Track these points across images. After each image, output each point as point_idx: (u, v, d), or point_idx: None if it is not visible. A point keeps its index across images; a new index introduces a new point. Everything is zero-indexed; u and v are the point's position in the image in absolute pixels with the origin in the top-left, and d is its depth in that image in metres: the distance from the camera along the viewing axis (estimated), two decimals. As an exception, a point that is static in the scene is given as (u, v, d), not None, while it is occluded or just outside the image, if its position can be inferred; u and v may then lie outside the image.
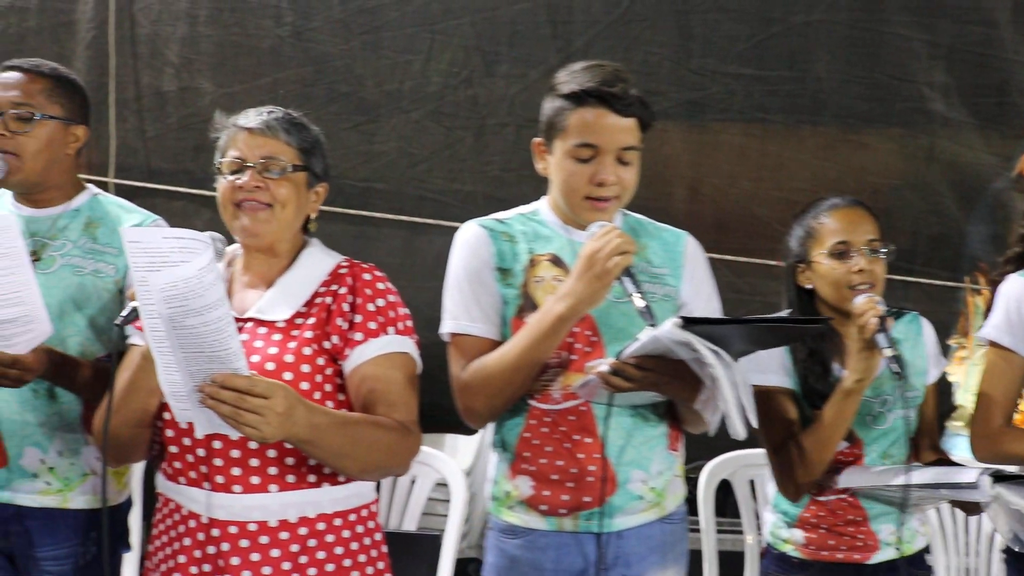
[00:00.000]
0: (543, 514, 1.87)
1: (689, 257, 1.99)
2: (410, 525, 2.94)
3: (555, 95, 1.84)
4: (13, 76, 1.96)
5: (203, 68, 3.71)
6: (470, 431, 3.41)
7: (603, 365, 1.72)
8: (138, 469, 2.69)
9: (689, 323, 1.63)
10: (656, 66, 3.55)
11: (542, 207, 1.96)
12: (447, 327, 1.90)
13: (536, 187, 2.03)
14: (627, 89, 1.80)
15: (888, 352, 1.88)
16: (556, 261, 1.88)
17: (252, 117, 1.73)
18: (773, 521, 2.18)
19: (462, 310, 1.87)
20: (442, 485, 3.23)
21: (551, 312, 1.75)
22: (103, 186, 2.74)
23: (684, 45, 3.56)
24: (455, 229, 1.98)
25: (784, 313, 2.14)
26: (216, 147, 1.78)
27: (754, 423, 1.73)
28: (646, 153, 1.92)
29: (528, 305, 1.85)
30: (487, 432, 3.20)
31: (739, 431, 1.68)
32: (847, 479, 2.05)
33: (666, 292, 1.92)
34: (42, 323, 1.75)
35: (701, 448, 2.46)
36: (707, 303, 1.98)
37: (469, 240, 1.90)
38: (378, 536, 1.75)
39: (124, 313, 1.53)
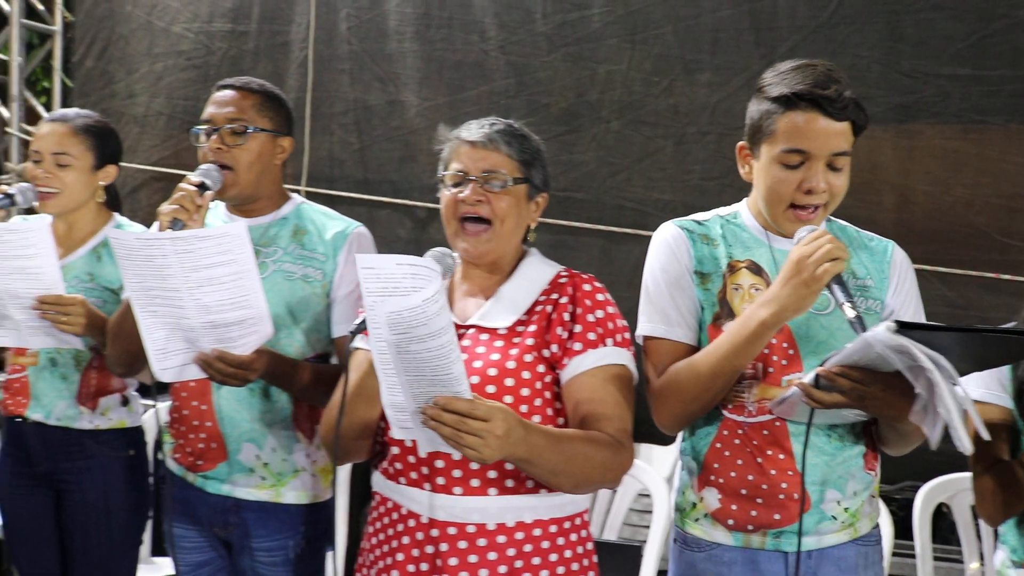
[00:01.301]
0: (730, 529, 1.78)
1: (896, 268, 1.85)
2: (610, 535, 2.94)
3: (762, 97, 1.73)
4: (227, 94, 2.04)
5: (409, 82, 3.84)
6: (666, 441, 3.38)
7: (807, 376, 1.62)
8: (344, 469, 2.80)
9: (904, 328, 1.48)
10: (864, 70, 3.44)
11: (742, 210, 1.85)
12: (643, 330, 1.81)
13: (737, 196, 1.92)
14: (841, 91, 1.68)
15: None
16: (755, 268, 1.78)
17: (474, 130, 1.72)
18: (1002, 559, 1.97)
19: (659, 314, 1.79)
20: (642, 495, 3.21)
21: (754, 318, 1.65)
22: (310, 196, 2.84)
23: (894, 47, 3.45)
24: None
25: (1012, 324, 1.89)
26: (440, 159, 1.79)
27: (984, 435, 1.57)
28: (852, 158, 1.81)
29: (725, 312, 1.77)
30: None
31: (966, 445, 1.51)
32: None
33: (870, 304, 1.79)
34: (265, 326, 1.81)
35: (906, 468, 2.32)
36: (913, 318, 1.83)
37: (668, 241, 1.81)
38: (590, 545, 1.73)
39: (357, 322, 1.57)
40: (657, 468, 3.47)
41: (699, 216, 1.85)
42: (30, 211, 2.50)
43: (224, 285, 1.71)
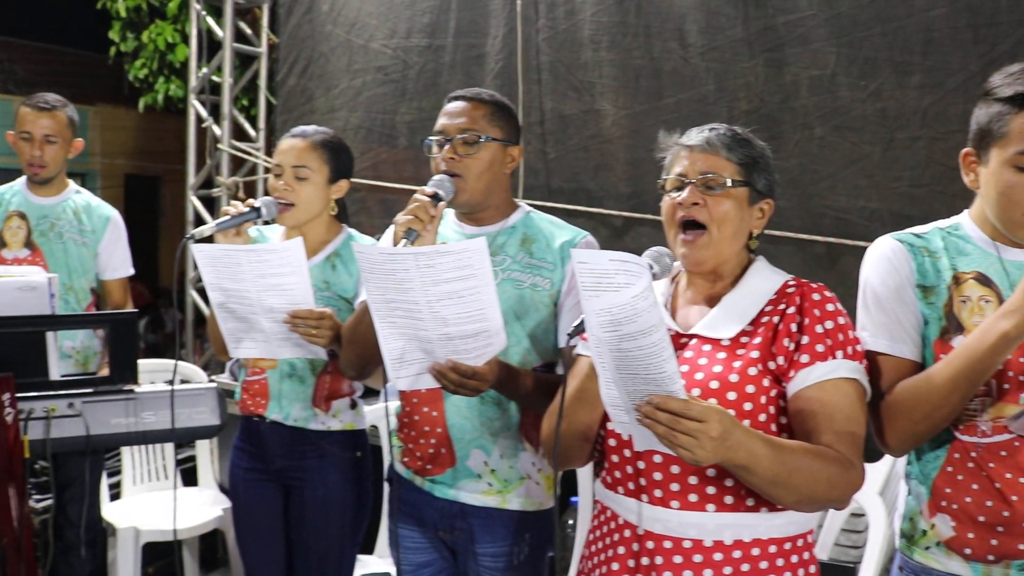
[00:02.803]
0: (966, 559, 1.67)
1: None
2: (821, 555, 2.83)
3: (991, 99, 1.66)
4: (458, 105, 2.08)
5: (605, 91, 3.84)
6: (873, 457, 3.23)
7: None
8: (585, 472, 2.79)
9: None
10: (1099, 67, 3.20)
11: (964, 221, 1.77)
12: (865, 346, 1.74)
13: (950, 204, 1.82)
14: None
15: None
16: (982, 279, 1.69)
17: (694, 135, 1.71)
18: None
19: (881, 329, 1.72)
20: (853, 515, 3.09)
21: (994, 330, 1.56)
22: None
23: None
24: (858, 248, 1.83)
25: None
26: (662, 166, 1.77)
27: None
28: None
29: (953, 326, 1.68)
30: (894, 460, 3.02)
31: None
32: None
33: None
34: (499, 337, 1.83)
35: None
36: None
37: (887, 255, 1.75)
38: (812, 568, 1.65)
39: (575, 324, 1.56)
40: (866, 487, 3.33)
41: (917, 229, 1.79)
42: (268, 223, 2.64)
43: (463, 299, 1.74)
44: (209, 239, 2.37)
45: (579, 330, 1.54)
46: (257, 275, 2.15)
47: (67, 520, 3.08)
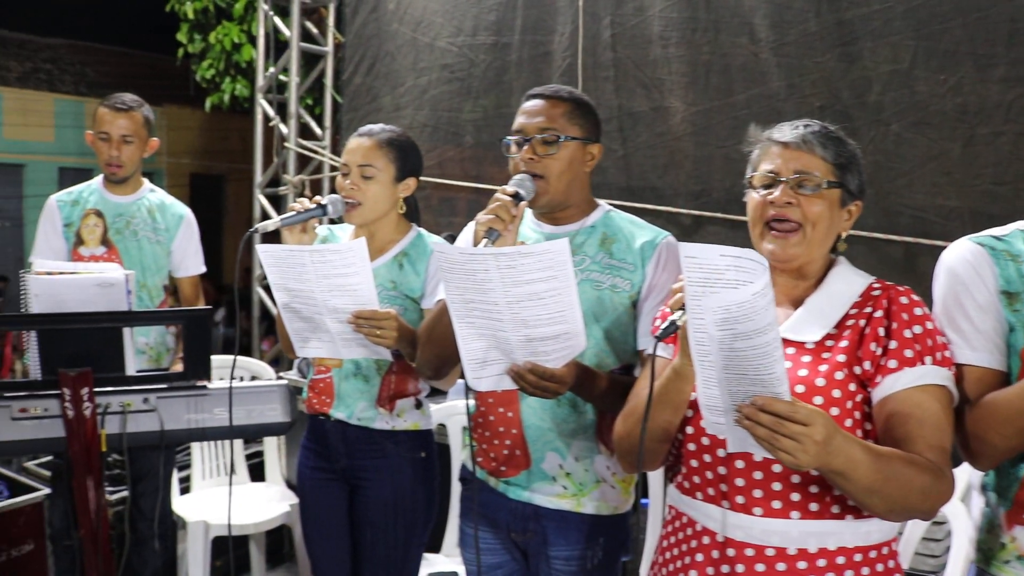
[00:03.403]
0: None
1: None
2: (902, 563, 2.75)
3: None
4: (537, 103, 2.03)
5: (674, 88, 3.78)
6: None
7: None
8: (657, 475, 2.75)
9: None
10: None
11: None
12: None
13: None
14: None
15: None
16: None
17: (787, 131, 1.65)
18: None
19: (962, 338, 1.64)
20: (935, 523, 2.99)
21: None
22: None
23: None
24: (936, 248, 1.75)
25: None
26: (748, 161, 1.71)
27: None
28: None
29: None
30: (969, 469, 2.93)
31: None
32: None
33: None
34: (580, 340, 1.79)
35: None
36: None
37: (967, 259, 1.66)
38: None
39: (664, 326, 1.52)
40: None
41: (997, 231, 1.69)
42: (334, 222, 2.65)
43: (543, 301, 1.71)
44: (276, 238, 2.38)
45: (667, 333, 1.51)
46: (321, 276, 2.15)
47: (140, 513, 3.13)
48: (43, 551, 3.27)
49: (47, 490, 3.27)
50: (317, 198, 2.41)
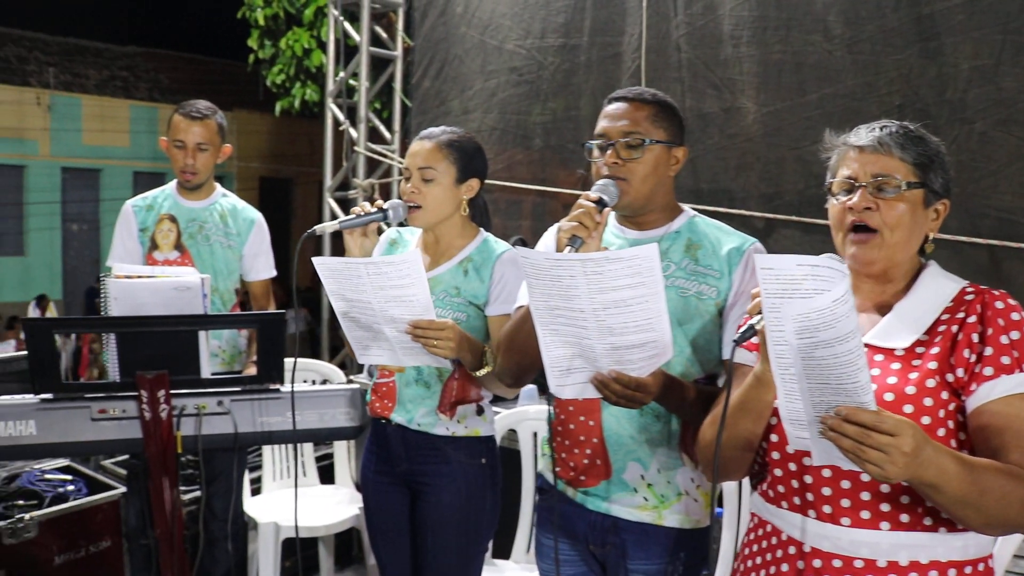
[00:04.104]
0: None
1: None
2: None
3: None
4: (620, 107, 1.98)
5: (745, 88, 3.71)
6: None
7: None
8: (729, 486, 2.70)
9: None
10: None
11: None
12: None
13: None
14: None
15: None
16: None
17: (863, 134, 1.60)
18: None
19: None
20: None
21: None
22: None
23: None
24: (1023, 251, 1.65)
25: None
26: (821, 162, 1.67)
27: None
28: None
29: None
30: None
31: None
32: None
33: None
34: (666, 348, 1.74)
35: None
36: None
37: None
38: None
39: (742, 330, 1.47)
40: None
41: None
42: (403, 225, 2.65)
43: (630, 308, 1.66)
44: (339, 240, 2.38)
45: (745, 337, 1.47)
46: (377, 287, 2.15)
47: (212, 514, 3.17)
48: (119, 548, 3.35)
49: (123, 489, 3.34)
50: (378, 202, 2.40)
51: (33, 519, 3.11)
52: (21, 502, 3.23)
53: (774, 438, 1.57)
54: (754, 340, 1.51)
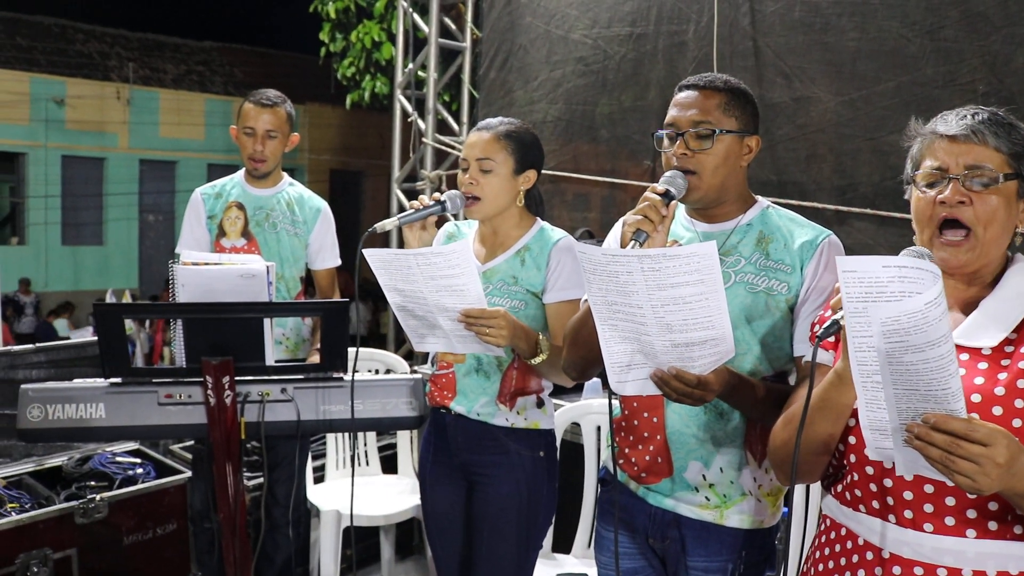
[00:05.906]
0: None
1: None
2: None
3: None
4: (690, 95, 1.91)
5: (817, 76, 3.61)
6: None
7: None
8: (799, 492, 2.63)
9: None
10: None
11: None
12: None
13: None
14: None
15: None
16: None
17: (953, 122, 1.50)
18: None
19: None
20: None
21: None
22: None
23: None
24: None
25: None
26: (908, 157, 1.57)
27: None
28: None
29: None
30: None
31: None
32: None
33: None
34: (727, 346, 1.68)
35: None
36: None
37: None
38: None
39: (825, 325, 1.42)
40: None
41: None
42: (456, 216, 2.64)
43: (689, 305, 1.61)
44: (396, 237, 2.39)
45: (829, 333, 1.42)
46: (428, 277, 2.15)
47: (274, 500, 3.21)
48: (185, 531, 3.41)
49: (190, 473, 3.40)
50: (436, 195, 2.40)
51: (104, 500, 3.18)
52: (92, 483, 3.30)
53: (852, 440, 1.51)
54: (830, 339, 1.46)
